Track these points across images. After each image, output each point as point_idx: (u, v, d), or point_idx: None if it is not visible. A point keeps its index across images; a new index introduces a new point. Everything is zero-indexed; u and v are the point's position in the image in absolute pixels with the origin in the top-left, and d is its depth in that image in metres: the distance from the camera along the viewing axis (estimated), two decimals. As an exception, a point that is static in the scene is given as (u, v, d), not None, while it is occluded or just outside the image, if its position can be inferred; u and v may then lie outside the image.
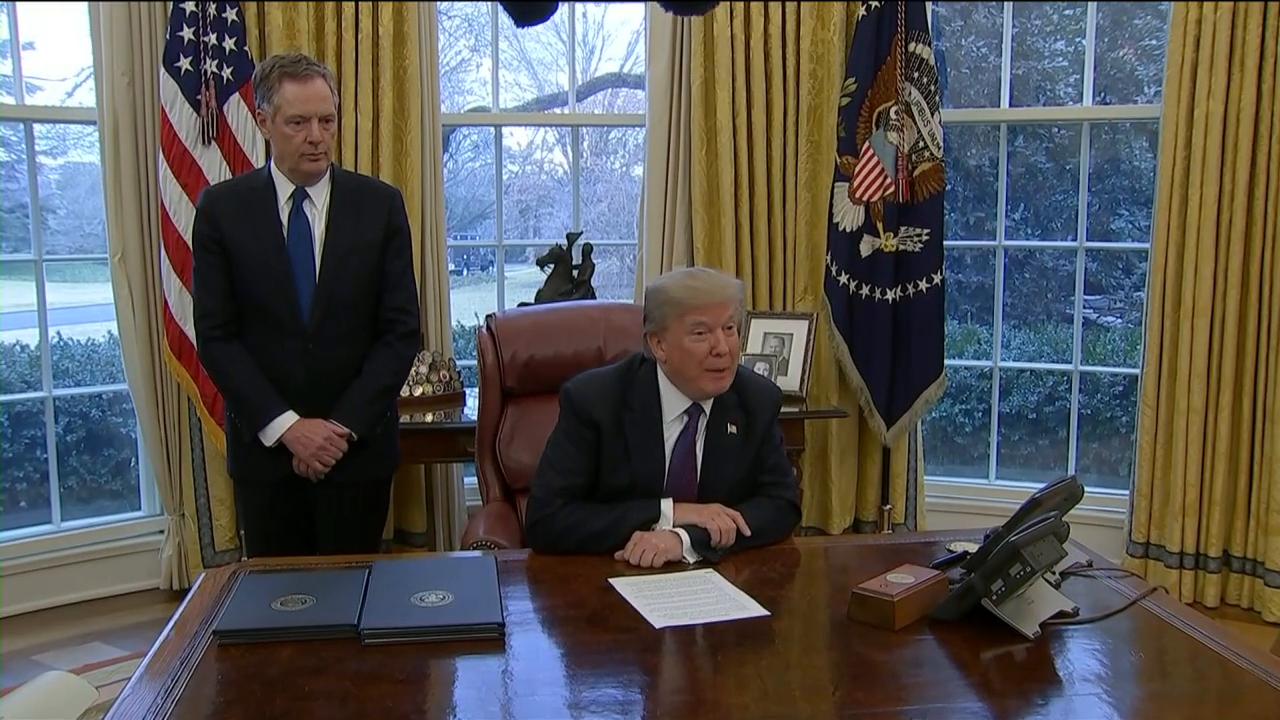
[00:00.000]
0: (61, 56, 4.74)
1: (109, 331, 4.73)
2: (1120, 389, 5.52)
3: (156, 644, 1.71)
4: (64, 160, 6.02)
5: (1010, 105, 4.45)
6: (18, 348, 4.75)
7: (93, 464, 4.55)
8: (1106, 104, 5.34)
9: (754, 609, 1.84)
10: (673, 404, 2.22)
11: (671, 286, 2.18)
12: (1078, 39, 5.87)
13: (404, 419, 3.19)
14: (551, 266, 4.00)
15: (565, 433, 2.22)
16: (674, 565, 2.05)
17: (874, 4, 3.78)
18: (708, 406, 2.23)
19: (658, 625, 1.76)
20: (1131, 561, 3.88)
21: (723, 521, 2.11)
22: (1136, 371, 4.00)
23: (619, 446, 2.18)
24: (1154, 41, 5.85)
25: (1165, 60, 3.75)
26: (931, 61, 3.80)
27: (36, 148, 3.86)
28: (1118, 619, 1.81)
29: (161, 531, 3.92)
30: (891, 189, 3.81)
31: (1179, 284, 3.75)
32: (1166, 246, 3.76)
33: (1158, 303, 3.80)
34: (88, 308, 5.09)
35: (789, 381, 3.76)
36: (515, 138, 8.22)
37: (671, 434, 2.22)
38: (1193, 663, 1.69)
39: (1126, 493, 4.02)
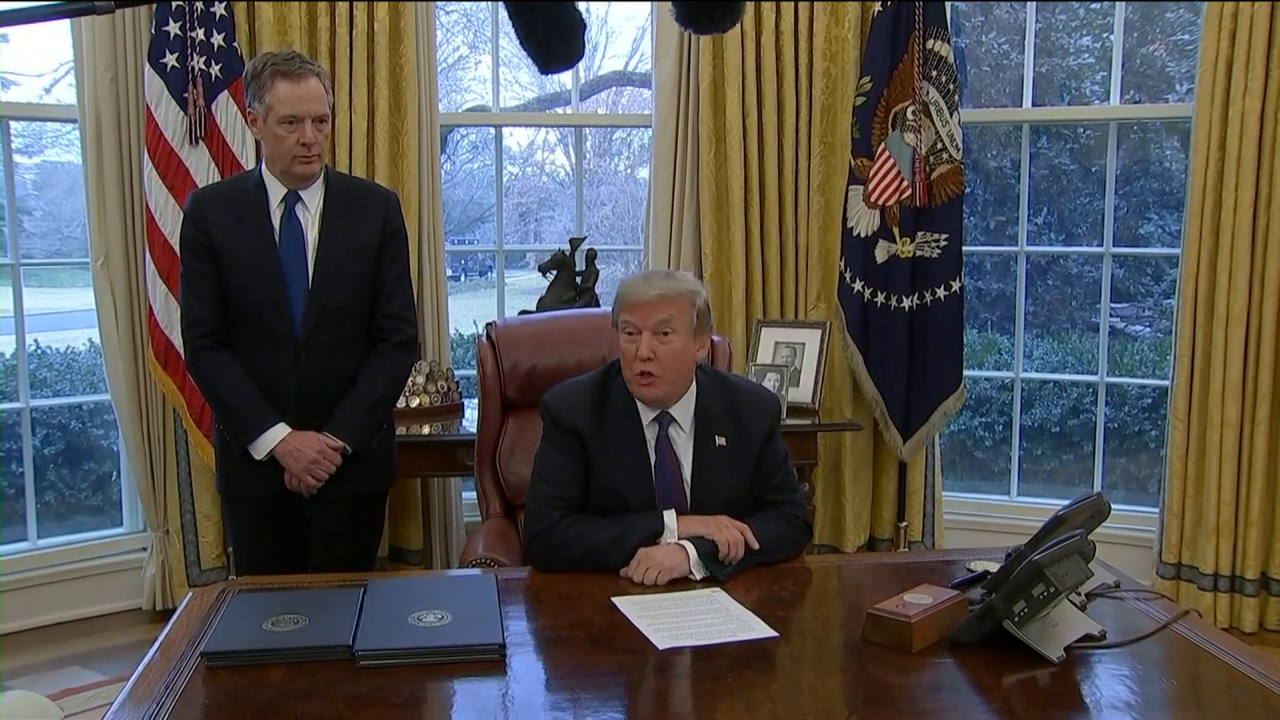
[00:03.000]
0: (39, 50, 4.77)
1: (90, 339, 4.75)
2: (1149, 402, 5.52)
3: (141, 666, 1.72)
4: (40, 159, 6.05)
5: (1033, 104, 4.47)
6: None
7: (72, 478, 4.56)
8: (1135, 103, 5.34)
9: (763, 630, 1.85)
10: (646, 408, 2.25)
11: (624, 283, 2.25)
12: (1105, 34, 5.88)
13: (400, 431, 3.21)
14: (554, 273, 4.02)
15: (550, 443, 2.26)
16: (680, 583, 2.06)
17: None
18: (681, 416, 2.26)
19: (662, 647, 1.77)
20: (1162, 583, 3.88)
21: (730, 534, 2.12)
22: (1166, 383, 4.01)
23: (602, 453, 2.22)
24: (1186, 36, 5.85)
25: (1198, 56, 3.76)
26: (950, 59, 3.82)
27: (11, 145, 3.88)
28: (1148, 643, 1.81)
29: (144, 549, 3.93)
30: (908, 192, 3.82)
31: (1212, 291, 3.75)
32: (1199, 252, 3.76)
33: (1189, 311, 3.81)
34: (67, 314, 5.11)
35: (801, 393, 3.77)
36: (515, 138, 8.27)
37: (651, 439, 2.25)
38: (1230, 691, 1.68)
39: (1156, 510, 4.02)
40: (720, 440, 2.26)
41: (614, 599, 1.97)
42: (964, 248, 3.93)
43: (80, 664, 3.64)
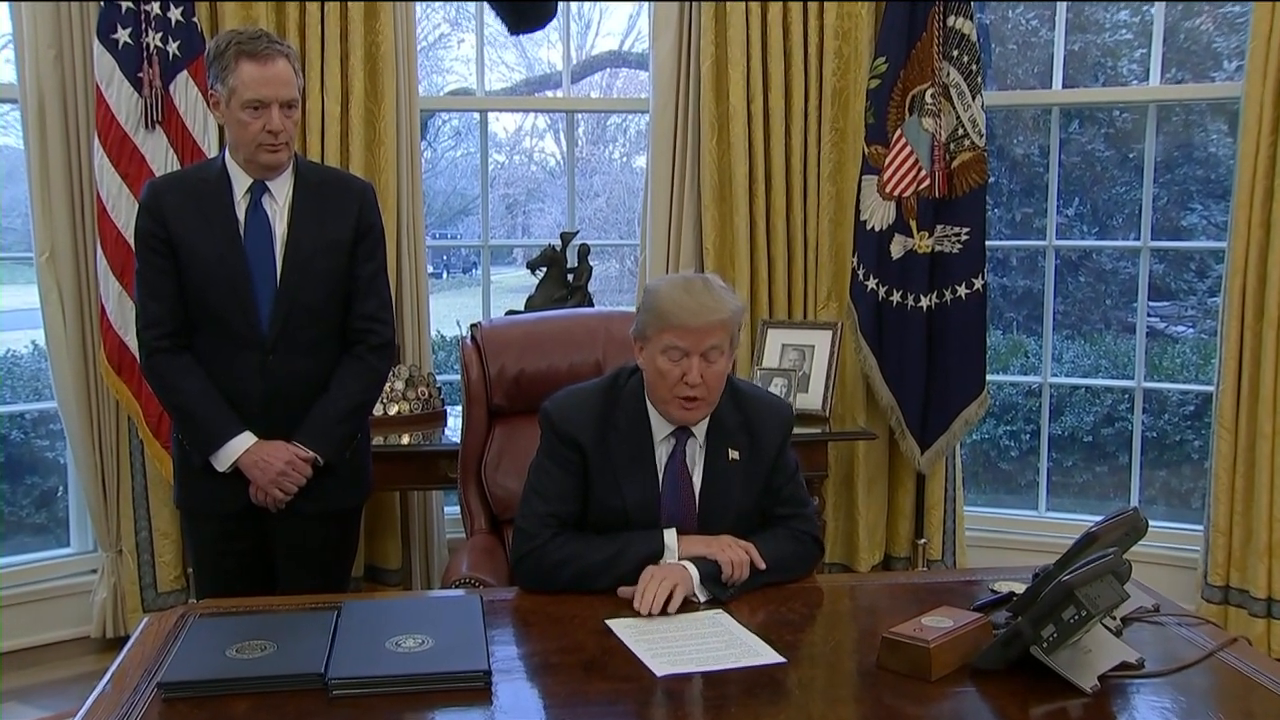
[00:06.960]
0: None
1: (33, 342, 4.76)
2: (1191, 409, 5.54)
3: (90, 700, 1.72)
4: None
5: (1064, 86, 4.49)
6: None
7: (13, 494, 4.56)
8: (1178, 82, 5.37)
9: (769, 655, 1.86)
10: (661, 422, 2.26)
11: (662, 293, 2.20)
12: (1144, 8, 5.90)
13: (377, 441, 3.21)
14: (544, 270, 4.04)
15: (548, 455, 2.27)
16: (680, 605, 2.06)
17: (908, -28, 3.83)
18: (700, 430, 2.27)
19: (660, 673, 1.78)
20: (1208, 608, 3.88)
21: (735, 554, 2.14)
22: (1211, 389, 4.02)
23: (606, 469, 2.23)
24: (1236, 9, 5.87)
25: (1249, 30, 3.75)
26: (974, 37, 3.84)
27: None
28: (1191, 673, 1.82)
29: (94, 571, 3.94)
30: (926, 182, 3.84)
31: (1261, 288, 3.76)
32: (1247, 246, 3.77)
33: (1236, 310, 3.81)
34: (7, 314, 5.11)
35: (810, 399, 3.79)
36: (502, 124, 8.29)
37: (662, 455, 2.26)
38: (1285, 727, 1.68)
39: (1200, 528, 4.03)
40: (733, 454, 2.28)
41: (608, 622, 1.99)
42: (987, 242, 3.94)
43: (19, 699, 3.62)
